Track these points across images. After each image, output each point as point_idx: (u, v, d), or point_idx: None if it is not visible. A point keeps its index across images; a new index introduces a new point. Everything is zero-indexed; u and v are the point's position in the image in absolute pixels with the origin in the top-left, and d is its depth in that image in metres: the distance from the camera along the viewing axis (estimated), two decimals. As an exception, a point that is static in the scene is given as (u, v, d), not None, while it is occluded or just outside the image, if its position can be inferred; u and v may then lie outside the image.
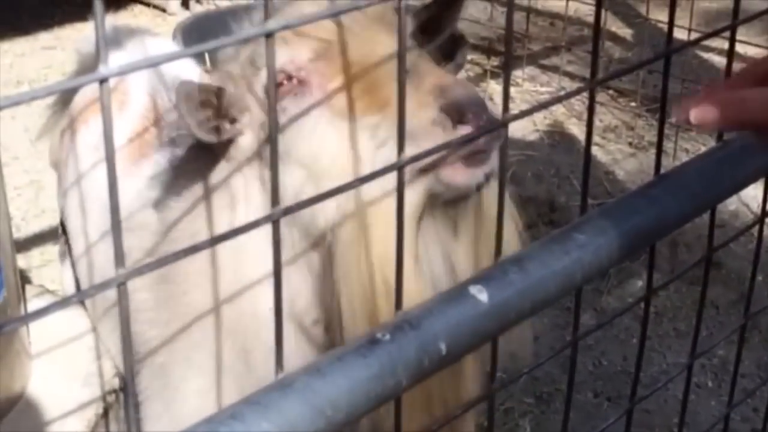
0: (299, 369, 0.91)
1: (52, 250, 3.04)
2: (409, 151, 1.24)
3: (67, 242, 2.11)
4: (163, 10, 5.07)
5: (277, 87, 1.34)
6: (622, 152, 3.81)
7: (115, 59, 1.95)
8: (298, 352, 1.41)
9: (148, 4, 5.12)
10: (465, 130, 1.26)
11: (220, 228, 1.43)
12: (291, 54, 1.33)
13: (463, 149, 1.27)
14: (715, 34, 1.37)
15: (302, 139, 1.32)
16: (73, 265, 2.04)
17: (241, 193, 1.43)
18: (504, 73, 1.05)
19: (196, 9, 4.99)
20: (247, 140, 1.40)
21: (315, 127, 1.31)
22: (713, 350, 2.78)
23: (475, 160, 1.28)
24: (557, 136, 3.84)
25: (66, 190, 2.02)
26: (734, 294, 3.04)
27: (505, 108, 1.03)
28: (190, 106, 1.33)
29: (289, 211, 0.88)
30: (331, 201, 1.31)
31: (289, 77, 1.33)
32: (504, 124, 1.03)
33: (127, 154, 1.79)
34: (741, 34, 1.19)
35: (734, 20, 1.31)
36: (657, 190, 1.20)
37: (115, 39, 2.04)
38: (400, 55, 0.92)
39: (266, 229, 1.36)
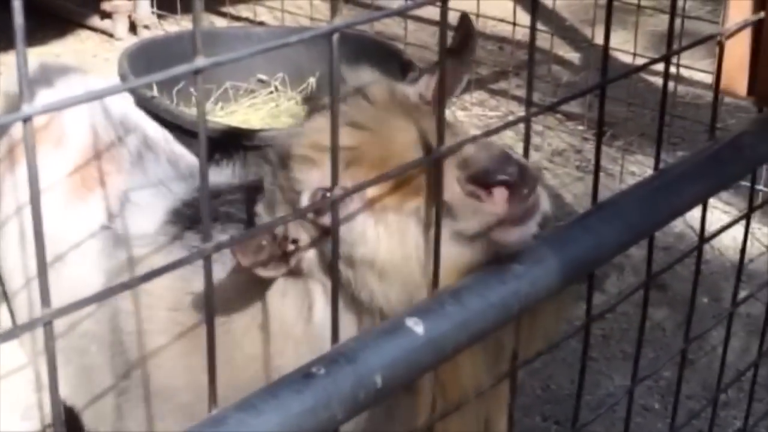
0: (232, 405, 0.91)
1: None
2: (450, 223, 1.29)
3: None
4: (111, 36, 5.05)
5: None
6: (570, 176, 3.84)
7: (45, 97, 1.93)
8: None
9: (95, 30, 5.09)
10: (500, 193, 1.27)
11: (283, 349, 1.52)
12: (321, 171, 1.39)
13: (510, 212, 1.27)
14: (653, 63, 1.39)
15: (357, 245, 1.36)
16: (8, 301, 2.01)
17: (304, 307, 1.50)
18: (438, 107, 1.05)
19: (144, 34, 4.96)
20: (306, 259, 1.46)
21: (365, 230, 1.36)
22: (660, 372, 2.80)
23: (525, 215, 1.29)
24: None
25: (1, 224, 2.00)
26: (680, 316, 3.07)
27: (440, 139, 1.03)
28: (254, 258, 1.38)
29: (221, 246, 0.87)
30: (395, 293, 1.37)
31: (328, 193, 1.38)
32: (437, 158, 1.03)
33: (71, 188, 1.77)
34: (686, 57, 1.20)
35: (669, 50, 1.33)
36: (594, 219, 1.21)
37: (45, 77, 2.02)
38: (332, 92, 0.92)
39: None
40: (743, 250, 1.62)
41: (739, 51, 1.53)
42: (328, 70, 0.97)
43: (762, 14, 1.48)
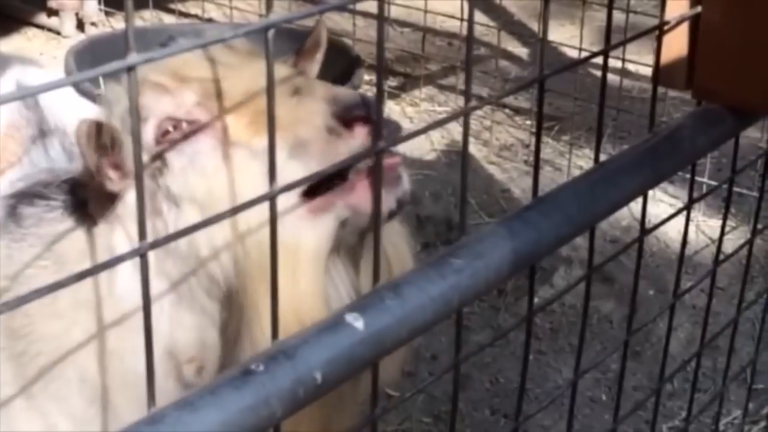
0: (171, 403, 0.91)
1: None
2: (301, 164, 1.25)
3: None
4: (58, 33, 5.00)
5: (165, 134, 1.34)
6: (518, 170, 3.86)
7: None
8: (167, 390, 1.39)
9: (42, 27, 5.04)
10: (361, 131, 1.24)
11: (99, 289, 1.40)
12: (176, 101, 1.34)
13: (365, 155, 1.22)
14: (593, 56, 1.40)
15: (196, 178, 1.31)
16: None
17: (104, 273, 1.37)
18: (377, 98, 1.05)
19: (92, 32, 4.93)
20: (133, 197, 1.36)
21: (206, 163, 1.30)
22: (608, 364, 2.83)
23: (385, 181, 1.25)
24: (454, 155, 3.87)
25: None
26: (627, 308, 3.09)
27: (378, 136, 1.03)
28: (91, 147, 1.30)
29: (156, 244, 0.87)
30: (219, 239, 1.30)
31: (178, 123, 1.33)
32: (376, 153, 1.03)
33: None
34: (632, 52, 1.22)
35: (607, 44, 1.34)
36: (533, 213, 1.22)
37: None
38: (269, 87, 0.92)
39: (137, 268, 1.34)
40: (684, 242, 1.64)
41: (677, 44, 1.55)
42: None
43: (699, 8, 1.50)
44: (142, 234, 0.86)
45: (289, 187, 0.99)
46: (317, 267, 1.31)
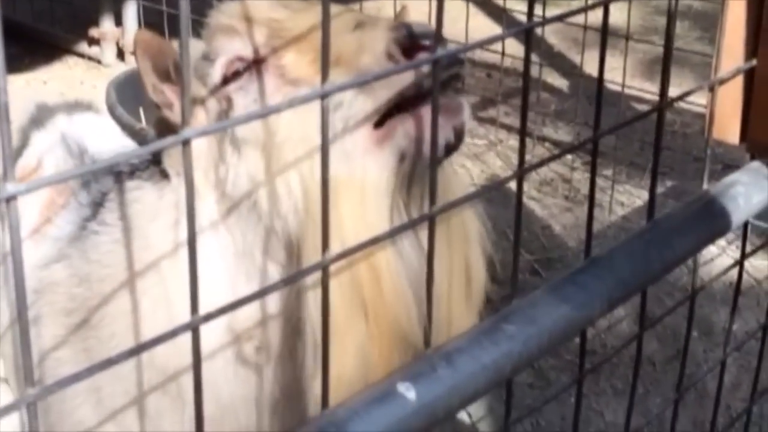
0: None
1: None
2: (368, 97, 1.23)
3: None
4: (99, 62, 5.03)
5: (234, 74, 1.33)
6: (558, 206, 3.83)
7: (37, 139, 1.91)
8: (227, 369, 1.38)
9: (83, 56, 5.07)
10: (424, 57, 1.20)
11: (164, 250, 1.38)
12: (243, 40, 1.33)
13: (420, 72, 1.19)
14: (648, 114, 1.38)
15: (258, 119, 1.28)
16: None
17: (170, 226, 1.38)
18: (431, 163, 1.03)
19: (132, 60, 4.95)
20: (200, 143, 1.32)
21: (269, 102, 1.28)
22: (650, 410, 2.79)
23: (444, 108, 1.19)
24: (493, 190, 3.84)
25: None
26: (670, 350, 3.06)
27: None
28: (146, 60, 1.30)
29: (210, 317, 0.85)
30: (281, 187, 1.27)
31: (247, 63, 1.33)
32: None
33: (34, 225, 1.73)
34: (674, 84, 1.20)
35: (662, 101, 1.32)
36: (586, 276, 1.19)
37: (37, 118, 2.00)
38: (324, 156, 0.91)
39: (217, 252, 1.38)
40: (736, 296, 1.62)
41: (731, 97, 1.53)
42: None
43: (754, 62, 1.47)
44: (194, 307, 0.85)
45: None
46: (382, 202, 1.27)
